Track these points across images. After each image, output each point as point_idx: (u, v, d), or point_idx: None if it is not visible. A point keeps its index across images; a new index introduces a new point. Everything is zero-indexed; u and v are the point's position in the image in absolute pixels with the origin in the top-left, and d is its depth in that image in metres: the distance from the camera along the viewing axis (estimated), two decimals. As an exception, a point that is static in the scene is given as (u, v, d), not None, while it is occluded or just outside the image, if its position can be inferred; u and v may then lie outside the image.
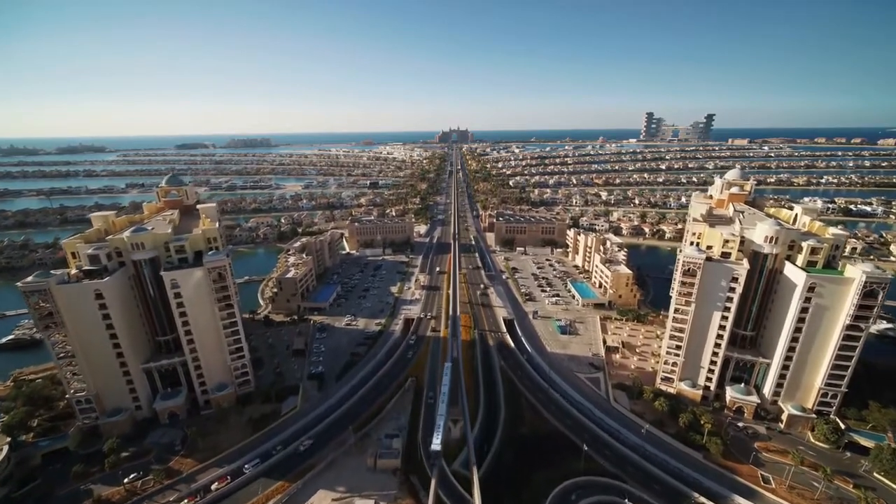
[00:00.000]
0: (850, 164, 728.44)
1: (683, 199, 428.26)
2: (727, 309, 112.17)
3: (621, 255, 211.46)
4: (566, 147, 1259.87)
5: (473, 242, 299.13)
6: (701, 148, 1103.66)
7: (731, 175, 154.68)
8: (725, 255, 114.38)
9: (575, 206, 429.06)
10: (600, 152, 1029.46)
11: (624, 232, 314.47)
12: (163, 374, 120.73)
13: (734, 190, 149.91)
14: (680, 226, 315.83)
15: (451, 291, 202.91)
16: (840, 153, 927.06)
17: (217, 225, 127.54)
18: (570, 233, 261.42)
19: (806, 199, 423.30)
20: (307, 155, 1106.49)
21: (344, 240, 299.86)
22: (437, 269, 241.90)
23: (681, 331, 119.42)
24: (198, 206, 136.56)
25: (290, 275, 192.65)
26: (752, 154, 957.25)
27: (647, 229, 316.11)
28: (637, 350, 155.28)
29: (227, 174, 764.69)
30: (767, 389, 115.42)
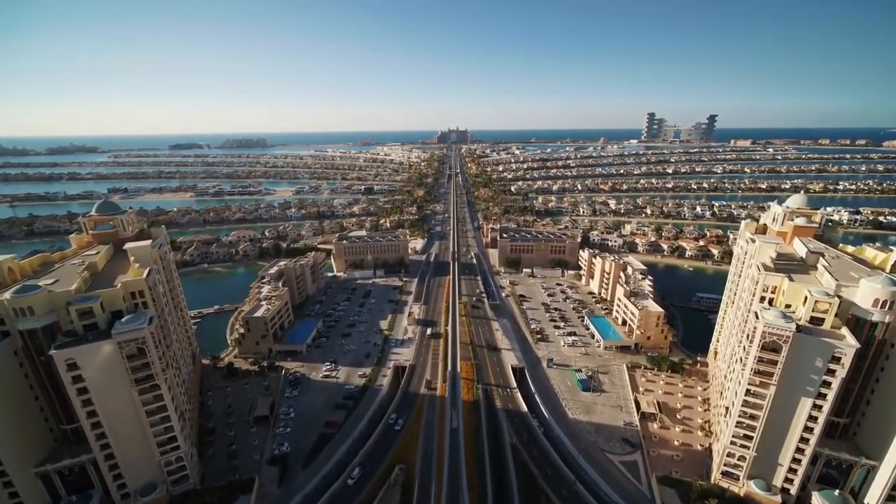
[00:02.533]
0: (863, 168, 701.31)
1: (698, 209, 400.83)
2: (822, 395, 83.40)
3: (647, 285, 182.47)
4: (567, 148, 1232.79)
5: (475, 261, 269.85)
6: (704, 149, 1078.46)
7: (795, 202, 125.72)
8: (815, 320, 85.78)
9: (583, 215, 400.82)
10: (602, 154, 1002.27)
11: (640, 249, 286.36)
12: (67, 475, 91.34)
13: (800, 221, 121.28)
14: (702, 242, 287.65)
15: (449, 328, 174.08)
16: (848, 156, 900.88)
17: (146, 274, 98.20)
18: (584, 254, 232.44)
19: (829, 209, 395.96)
20: (302, 156, 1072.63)
21: (331, 258, 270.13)
22: (434, 297, 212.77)
23: (753, 418, 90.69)
24: (126, 247, 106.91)
25: (259, 312, 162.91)
26: (758, 157, 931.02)
27: (665, 246, 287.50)
28: (679, 416, 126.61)
29: (217, 177, 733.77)
30: (872, 499, 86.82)
